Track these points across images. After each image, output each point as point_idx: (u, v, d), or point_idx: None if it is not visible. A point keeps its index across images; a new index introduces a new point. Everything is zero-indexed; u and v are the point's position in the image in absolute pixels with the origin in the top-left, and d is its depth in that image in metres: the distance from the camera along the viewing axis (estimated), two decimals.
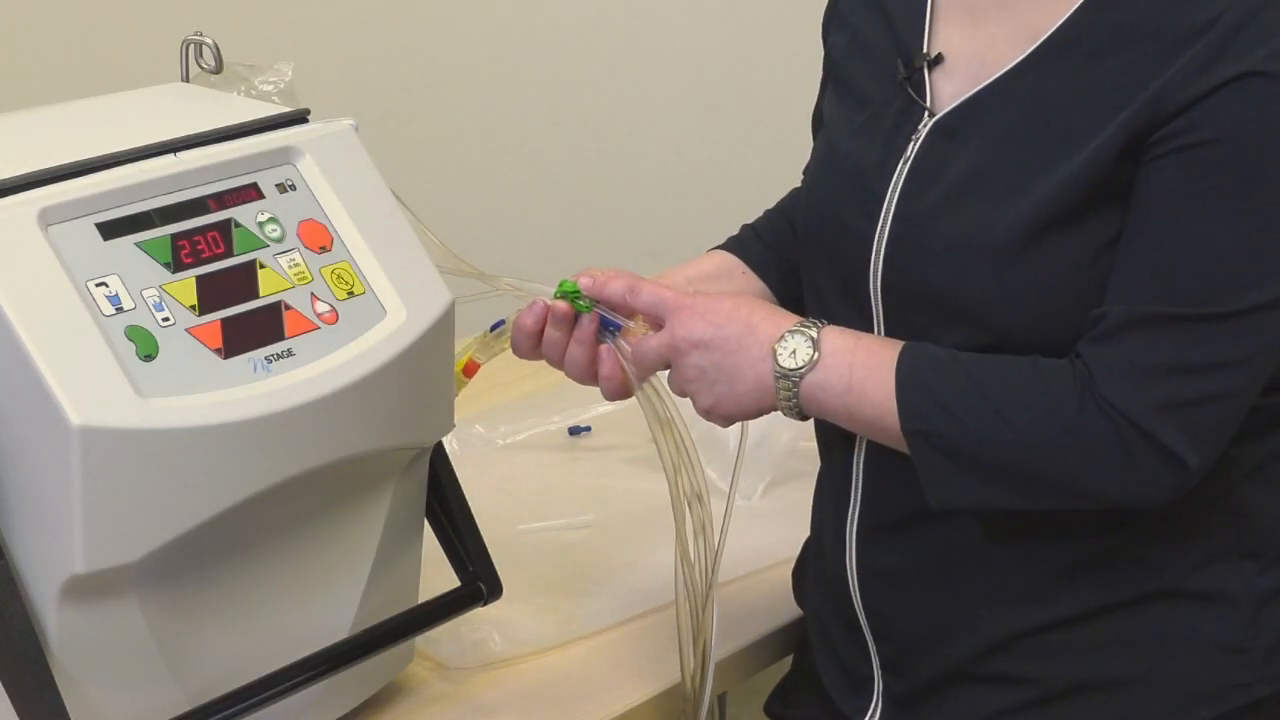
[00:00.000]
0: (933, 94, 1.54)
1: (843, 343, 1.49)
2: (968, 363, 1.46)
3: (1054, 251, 1.44)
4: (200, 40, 1.63)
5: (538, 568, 1.86)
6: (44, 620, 1.36)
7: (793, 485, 1.97)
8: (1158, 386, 1.40)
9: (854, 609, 1.62)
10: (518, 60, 3.35)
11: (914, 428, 1.45)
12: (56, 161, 1.40)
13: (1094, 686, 1.54)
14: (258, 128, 1.51)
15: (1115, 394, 1.41)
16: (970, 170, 1.49)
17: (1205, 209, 1.39)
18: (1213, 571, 1.52)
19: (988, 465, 1.44)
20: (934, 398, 1.45)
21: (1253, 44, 1.37)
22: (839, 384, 1.48)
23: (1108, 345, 1.42)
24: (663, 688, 1.69)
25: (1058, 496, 1.45)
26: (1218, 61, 1.37)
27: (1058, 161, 1.44)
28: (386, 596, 1.59)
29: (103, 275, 1.36)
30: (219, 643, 1.47)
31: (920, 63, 1.54)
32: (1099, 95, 1.43)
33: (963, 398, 1.44)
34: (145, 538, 1.36)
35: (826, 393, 1.48)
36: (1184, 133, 1.38)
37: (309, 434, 1.42)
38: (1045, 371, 1.44)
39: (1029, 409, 1.43)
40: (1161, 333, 1.40)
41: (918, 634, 1.59)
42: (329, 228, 1.48)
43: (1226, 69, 1.37)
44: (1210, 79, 1.37)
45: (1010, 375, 1.45)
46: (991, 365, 1.46)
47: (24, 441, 1.33)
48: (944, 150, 1.51)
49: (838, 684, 1.68)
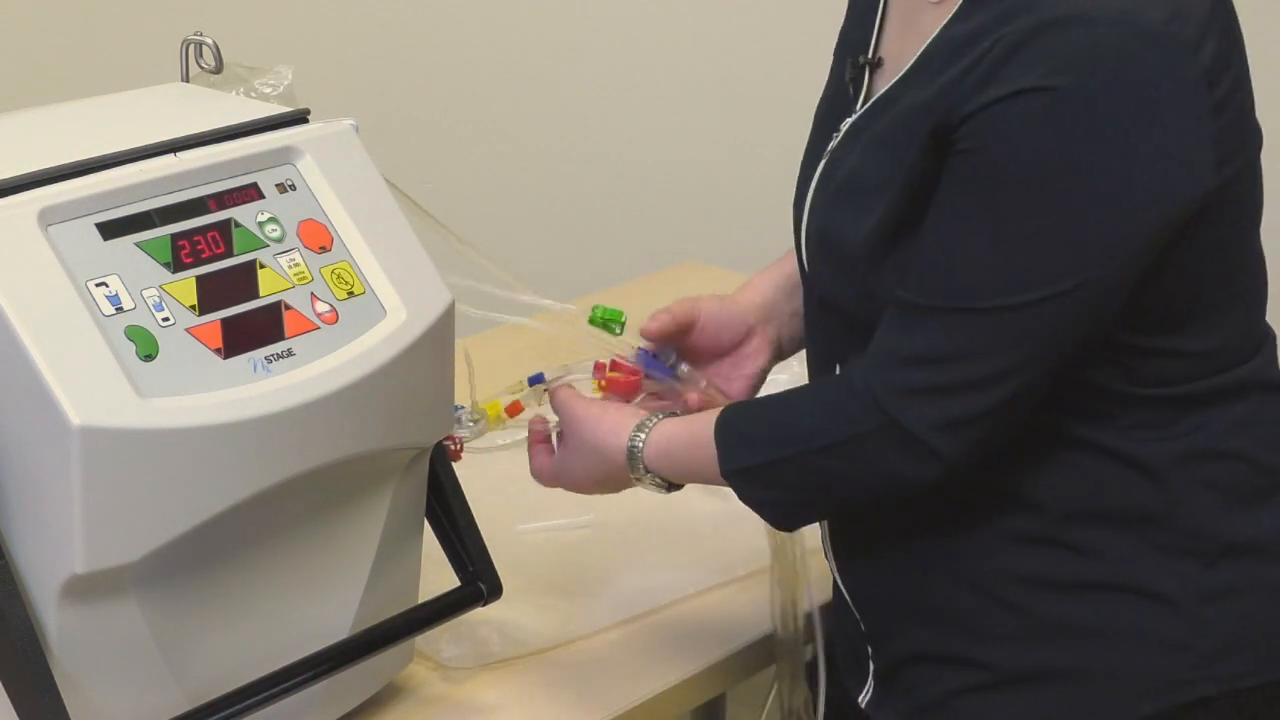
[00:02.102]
0: (868, 95, 1.58)
1: (666, 428, 1.62)
2: (767, 401, 1.60)
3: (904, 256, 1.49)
4: (200, 40, 1.63)
5: (538, 568, 1.86)
6: (44, 620, 1.37)
7: None
8: (903, 372, 1.47)
9: (841, 587, 1.67)
10: (518, 60, 3.35)
11: (726, 470, 1.57)
12: (56, 161, 1.41)
13: (1042, 674, 1.56)
14: (258, 128, 1.51)
15: (868, 377, 1.48)
16: (850, 173, 1.55)
17: (958, 212, 1.45)
18: (1151, 568, 1.53)
19: (790, 482, 1.55)
20: (742, 439, 1.56)
21: (1029, 63, 1.41)
22: (658, 453, 1.61)
23: (879, 333, 1.50)
24: (663, 687, 1.70)
25: (839, 489, 1.54)
26: (999, 75, 1.42)
27: (900, 170, 1.49)
28: (386, 596, 1.59)
29: (103, 275, 1.36)
30: (219, 643, 1.47)
31: (862, 62, 1.59)
32: (928, 108, 1.47)
33: (764, 429, 1.56)
34: (145, 538, 1.36)
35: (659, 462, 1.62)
36: (962, 140, 1.44)
37: (309, 434, 1.42)
38: (826, 380, 1.58)
39: (810, 408, 1.55)
40: (915, 323, 1.47)
41: (888, 612, 1.64)
42: (329, 228, 1.48)
43: (1004, 85, 1.41)
44: (991, 93, 1.42)
45: (799, 392, 1.59)
46: (790, 392, 1.60)
47: (24, 441, 1.33)
48: (847, 150, 1.57)
49: (846, 660, 1.72)
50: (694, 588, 1.83)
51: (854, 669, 1.69)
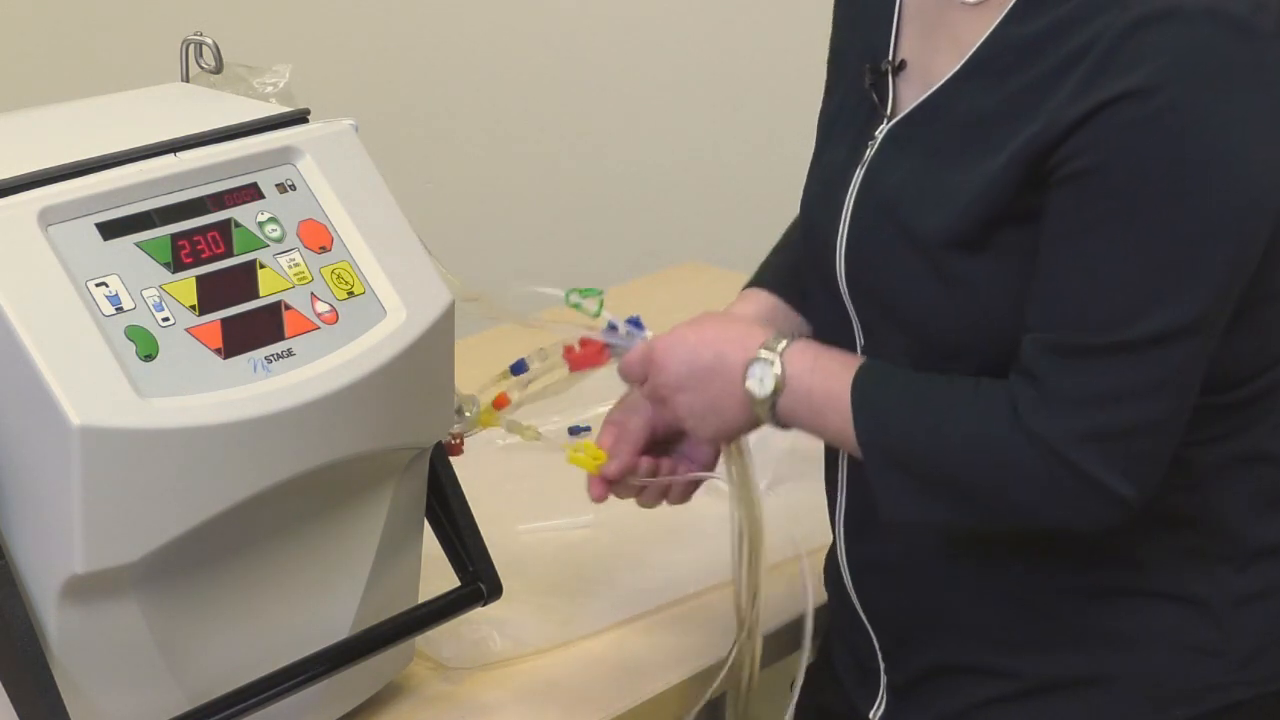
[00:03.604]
0: (895, 101, 1.55)
1: (802, 366, 1.53)
2: (917, 380, 1.50)
3: (964, 272, 1.47)
4: (200, 40, 1.63)
5: (538, 568, 1.86)
6: (44, 620, 1.37)
7: (793, 485, 1.97)
8: (1075, 417, 1.42)
9: (854, 600, 1.65)
10: (518, 60, 3.35)
11: (866, 440, 1.50)
12: (56, 161, 1.41)
13: (1071, 682, 1.55)
14: (258, 128, 1.51)
15: (1037, 423, 1.42)
16: (903, 182, 1.51)
17: (1098, 237, 1.40)
18: (1184, 573, 1.53)
19: (930, 479, 1.48)
20: (883, 414, 1.50)
21: (1126, 65, 1.38)
22: (804, 409, 1.53)
23: (1026, 374, 1.44)
24: (663, 687, 1.70)
25: (998, 517, 1.48)
26: (1095, 82, 1.39)
27: (967, 181, 1.46)
28: (386, 596, 1.59)
29: (103, 275, 1.36)
30: (219, 643, 1.47)
31: (885, 68, 1.56)
32: (1004, 114, 1.44)
33: (908, 414, 1.49)
34: (145, 538, 1.36)
35: (794, 415, 1.54)
36: (1072, 158, 1.40)
37: (309, 434, 1.42)
38: (983, 392, 1.46)
39: (964, 426, 1.46)
40: (1072, 363, 1.42)
41: (907, 625, 1.62)
42: (329, 228, 1.48)
43: (1103, 91, 1.38)
44: (1089, 101, 1.39)
45: (953, 393, 1.48)
46: (938, 383, 1.49)
47: (24, 441, 1.33)
48: (892, 158, 1.53)
49: (850, 675, 1.71)
50: (694, 588, 1.83)
51: (861, 683, 1.68)
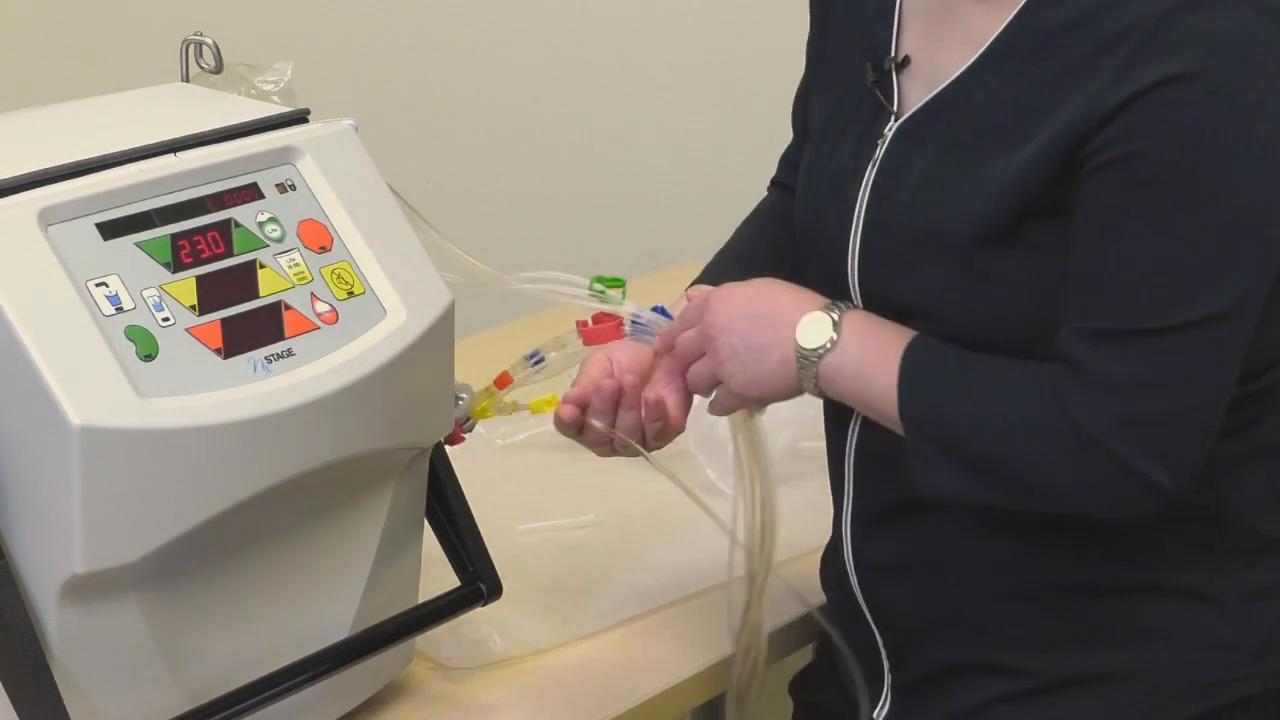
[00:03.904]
0: (900, 98, 1.55)
1: (861, 327, 1.52)
2: (968, 359, 1.48)
3: (995, 263, 1.46)
4: (200, 40, 1.63)
5: (538, 568, 1.86)
6: (44, 620, 1.36)
7: (793, 485, 1.97)
8: (1116, 404, 1.41)
9: (858, 600, 1.64)
10: (518, 60, 3.35)
11: (909, 413, 1.48)
12: (56, 161, 1.41)
13: (1084, 679, 1.55)
14: (258, 128, 1.51)
15: (1078, 410, 1.42)
16: (924, 177, 1.51)
17: (1141, 223, 1.40)
18: (1197, 568, 1.53)
19: (971, 457, 1.46)
20: (929, 387, 1.48)
21: (1167, 50, 1.38)
22: (850, 368, 1.51)
23: (1068, 362, 1.43)
24: (663, 687, 1.70)
25: (1033, 500, 1.47)
26: (1134, 69, 1.38)
27: (994, 173, 1.45)
28: (386, 596, 1.59)
29: (103, 275, 1.36)
30: (219, 643, 1.47)
31: (888, 66, 1.56)
32: (1031, 103, 1.44)
33: (955, 391, 1.47)
34: (145, 538, 1.36)
35: (840, 375, 1.52)
36: (1111, 145, 1.39)
37: (309, 434, 1.42)
38: (1029, 375, 1.45)
39: (1010, 409, 1.45)
40: (1114, 349, 1.41)
41: (914, 624, 1.62)
42: (329, 228, 1.48)
43: (1143, 76, 1.38)
44: (1128, 87, 1.38)
45: (1001, 374, 1.47)
46: (988, 363, 1.47)
47: (24, 441, 1.33)
48: (906, 155, 1.53)
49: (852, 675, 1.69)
50: (694, 588, 1.83)
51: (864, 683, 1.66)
